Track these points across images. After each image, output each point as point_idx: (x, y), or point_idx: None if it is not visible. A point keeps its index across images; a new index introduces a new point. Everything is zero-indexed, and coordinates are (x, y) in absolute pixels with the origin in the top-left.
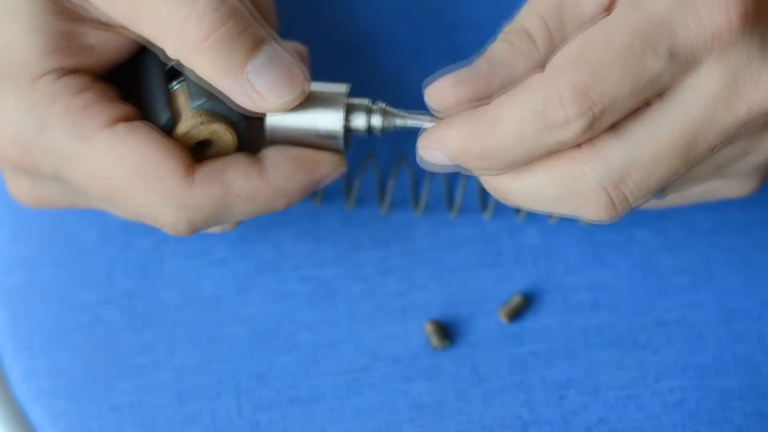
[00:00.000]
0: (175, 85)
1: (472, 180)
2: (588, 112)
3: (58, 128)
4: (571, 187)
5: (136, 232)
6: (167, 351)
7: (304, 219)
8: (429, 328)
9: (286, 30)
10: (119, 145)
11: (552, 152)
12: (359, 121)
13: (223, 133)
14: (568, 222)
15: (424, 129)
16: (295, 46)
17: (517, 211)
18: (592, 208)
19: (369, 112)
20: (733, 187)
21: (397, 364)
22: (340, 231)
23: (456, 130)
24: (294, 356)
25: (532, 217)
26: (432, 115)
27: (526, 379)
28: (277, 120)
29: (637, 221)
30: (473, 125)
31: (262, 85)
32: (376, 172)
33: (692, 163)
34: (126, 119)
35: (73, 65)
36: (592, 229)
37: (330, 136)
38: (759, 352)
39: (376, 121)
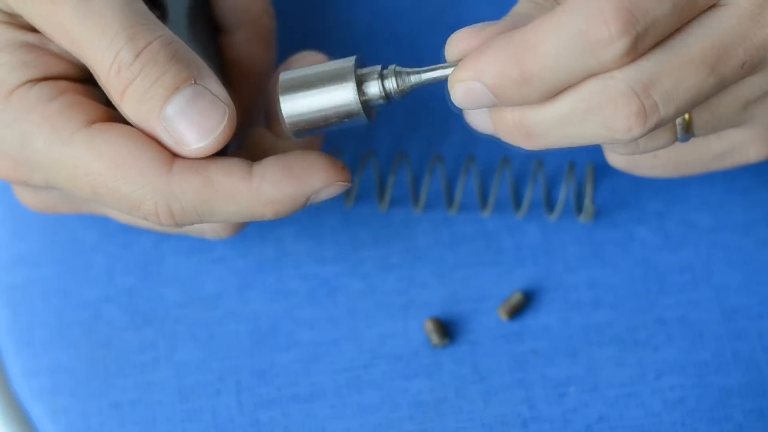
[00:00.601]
0: None
1: (472, 177)
2: (632, 30)
3: (38, 137)
4: (601, 95)
5: (136, 230)
6: (168, 348)
7: (304, 217)
8: (429, 325)
9: (286, 30)
10: (96, 142)
11: (592, 76)
12: (373, 90)
13: None
14: (568, 220)
15: (444, 77)
16: (313, 56)
17: (517, 207)
18: (623, 116)
19: (382, 78)
20: (755, 144)
21: (397, 361)
22: (341, 229)
23: (493, 55)
24: (294, 354)
25: (532, 214)
26: (445, 63)
27: (526, 377)
28: (292, 109)
29: (637, 219)
30: (511, 49)
31: (182, 130)
32: (376, 169)
33: (722, 80)
34: (104, 119)
35: (45, 75)
36: (592, 227)
37: (348, 112)
38: (759, 350)
39: (391, 84)
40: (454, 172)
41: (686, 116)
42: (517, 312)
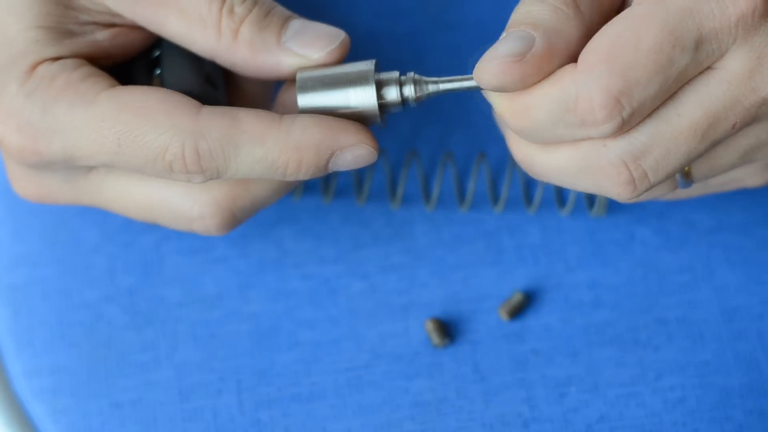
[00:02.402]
0: (156, 74)
1: (483, 175)
2: (617, 116)
3: (60, 102)
4: (593, 161)
5: (137, 230)
6: (168, 348)
7: (305, 216)
8: (430, 325)
9: None
10: (122, 96)
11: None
12: (392, 95)
13: None
14: (569, 219)
15: (462, 89)
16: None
17: (529, 204)
18: (612, 183)
19: (400, 84)
20: (752, 176)
21: (397, 361)
22: (342, 229)
23: (499, 100)
24: (295, 354)
25: (533, 214)
26: (463, 76)
27: (526, 377)
28: (308, 104)
29: (638, 219)
30: (511, 104)
31: (301, 46)
32: (386, 168)
33: (713, 143)
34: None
35: (73, 54)
36: (593, 227)
37: (365, 114)
38: (759, 350)
39: (409, 91)
40: (464, 169)
41: (686, 168)
42: (517, 312)
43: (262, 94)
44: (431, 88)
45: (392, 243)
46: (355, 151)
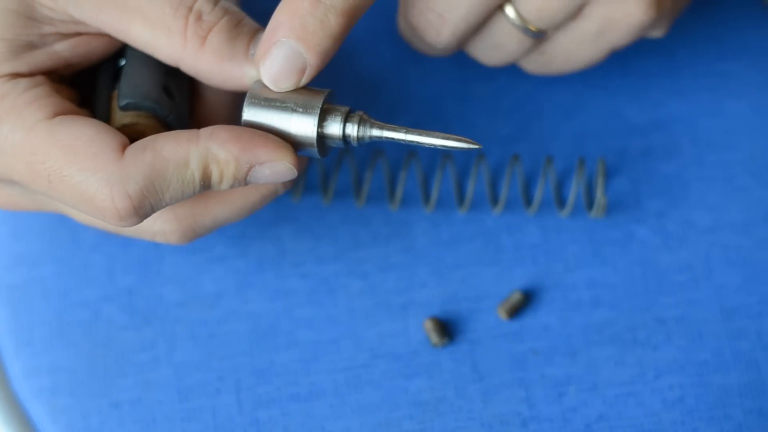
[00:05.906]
0: (116, 86)
1: (482, 175)
2: None
3: (5, 124)
4: None
5: None
6: (167, 348)
7: (304, 216)
8: (429, 325)
9: None
10: (56, 130)
11: None
12: (334, 129)
13: (151, 130)
14: (568, 219)
15: (405, 141)
16: None
17: (528, 205)
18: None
19: (346, 119)
20: (627, 6)
21: (396, 361)
22: (341, 228)
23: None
24: (294, 353)
25: (534, 213)
26: (409, 128)
27: (525, 376)
28: (252, 118)
29: (637, 219)
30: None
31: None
32: (385, 169)
33: None
34: (70, 113)
35: (31, 70)
36: (592, 226)
37: (303, 140)
38: (758, 350)
39: (351, 129)
40: (463, 170)
41: (514, 11)
42: (516, 311)
43: (227, 104)
44: (375, 132)
45: (391, 242)
46: (273, 167)
